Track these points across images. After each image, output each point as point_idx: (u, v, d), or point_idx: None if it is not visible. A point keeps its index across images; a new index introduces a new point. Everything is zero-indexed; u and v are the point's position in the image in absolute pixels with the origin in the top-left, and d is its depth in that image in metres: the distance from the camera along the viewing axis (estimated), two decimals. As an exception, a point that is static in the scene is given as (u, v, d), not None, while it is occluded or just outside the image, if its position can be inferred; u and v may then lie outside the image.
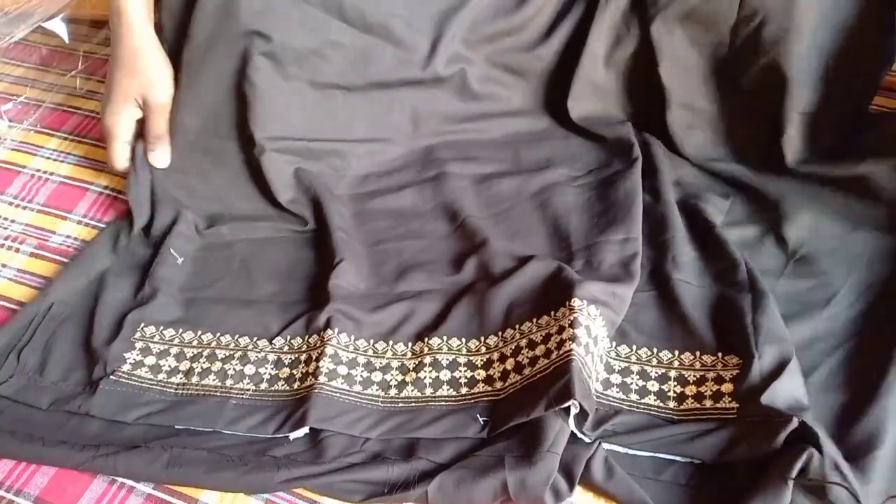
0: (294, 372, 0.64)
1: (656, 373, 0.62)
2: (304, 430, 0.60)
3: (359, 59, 0.76)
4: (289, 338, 0.67)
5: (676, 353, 0.63)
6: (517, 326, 0.65)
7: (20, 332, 0.67)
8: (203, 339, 0.68)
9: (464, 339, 0.66)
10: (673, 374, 0.62)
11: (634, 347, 0.64)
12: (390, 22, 0.75)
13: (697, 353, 0.63)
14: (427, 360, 0.64)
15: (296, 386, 0.63)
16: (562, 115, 0.84)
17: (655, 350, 0.64)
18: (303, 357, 0.65)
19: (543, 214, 0.76)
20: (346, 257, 0.71)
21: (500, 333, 0.65)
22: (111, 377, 0.63)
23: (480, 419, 0.59)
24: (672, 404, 0.60)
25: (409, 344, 0.66)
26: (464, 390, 0.62)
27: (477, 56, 0.80)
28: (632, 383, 0.62)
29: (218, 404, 0.62)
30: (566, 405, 0.55)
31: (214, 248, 0.76)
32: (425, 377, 0.63)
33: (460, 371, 0.64)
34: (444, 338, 0.66)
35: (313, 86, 0.76)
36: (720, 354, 0.62)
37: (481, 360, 0.64)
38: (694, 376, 0.61)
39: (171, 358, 0.66)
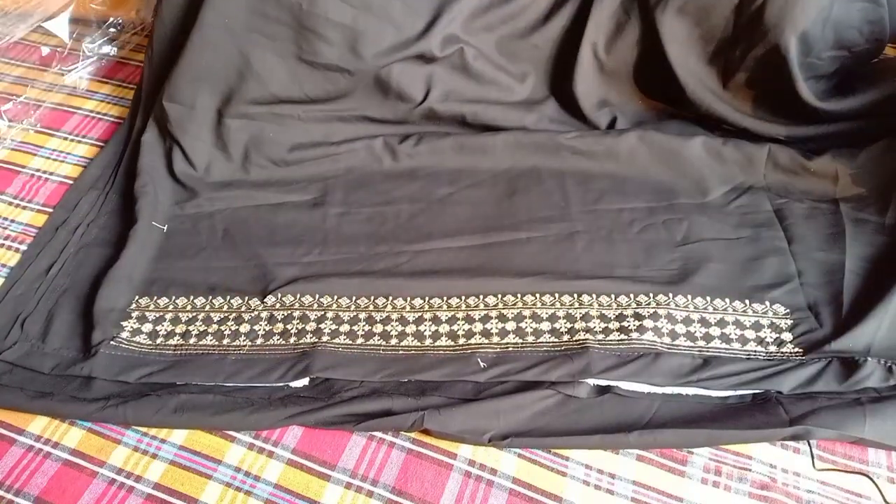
0: (288, 327, 0.67)
1: (714, 318, 0.66)
2: (305, 380, 0.63)
3: (357, 40, 0.76)
4: (280, 295, 0.70)
5: (728, 300, 0.68)
6: (519, 295, 0.68)
7: (23, 302, 0.70)
8: (196, 304, 0.70)
9: (462, 297, 0.69)
10: (730, 318, 0.66)
11: (690, 297, 0.68)
12: (390, 4, 0.75)
13: (747, 302, 0.67)
14: (427, 315, 0.68)
15: (292, 341, 0.66)
16: (564, 101, 0.84)
17: (709, 298, 0.68)
18: (296, 314, 0.68)
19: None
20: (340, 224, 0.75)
21: (499, 296, 0.69)
22: (111, 342, 0.66)
23: (481, 363, 0.63)
24: (737, 346, 0.64)
25: (409, 299, 0.69)
26: (461, 341, 0.66)
27: (475, 40, 0.80)
28: (695, 331, 0.65)
29: (217, 361, 0.65)
30: (570, 383, 0.61)
31: (197, 219, 0.78)
32: (425, 330, 0.67)
33: (458, 325, 0.67)
34: (444, 297, 0.69)
35: (312, 66, 0.77)
36: (768, 303, 0.67)
37: (479, 315, 0.67)
38: (748, 321, 0.66)
39: (166, 322, 0.69)
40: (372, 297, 0.69)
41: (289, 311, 0.68)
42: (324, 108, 0.80)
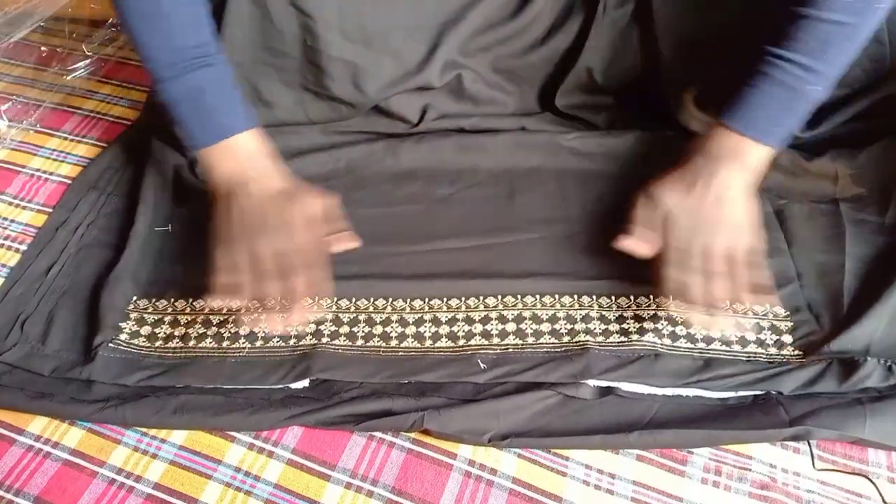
0: (288, 329, 0.67)
1: None
2: (305, 381, 0.63)
3: (358, 75, 0.76)
4: (280, 297, 0.69)
5: (728, 302, 0.66)
6: (519, 296, 0.68)
7: (23, 303, 0.70)
8: (195, 306, 0.70)
9: (462, 298, 0.69)
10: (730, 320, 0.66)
11: None
12: (390, 34, 0.75)
13: (747, 303, 0.67)
14: (427, 316, 0.68)
15: (292, 343, 0.66)
16: (558, 117, 0.84)
17: None
18: None
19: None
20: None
21: (499, 297, 0.69)
22: (110, 345, 0.65)
23: (482, 364, 0.63)
24: (737, 347, 0.64)
25: (409, 300, 0.69)
26: (461, 342, 0.66)
27: (473, 63, 0.80)
28: (696, 333, 0.65)
29: (217, 363, 0.65)
30: (572, 384, 0.61)
31: (197, 220, 0.77)
32: (425, 331, 0.67)
33: (458, 326, 0.67)
34: (444, 298, 0.69)
35: (317, 95, 0.77)
36: (768, 305, 0.67)
37: (479, 316, 0.67)
38: (748, 323, 0.66)
39: (165, 325, 0.68)
40: (371, 299, 0.69)
41: None
42: (326, 126, 0.81)
